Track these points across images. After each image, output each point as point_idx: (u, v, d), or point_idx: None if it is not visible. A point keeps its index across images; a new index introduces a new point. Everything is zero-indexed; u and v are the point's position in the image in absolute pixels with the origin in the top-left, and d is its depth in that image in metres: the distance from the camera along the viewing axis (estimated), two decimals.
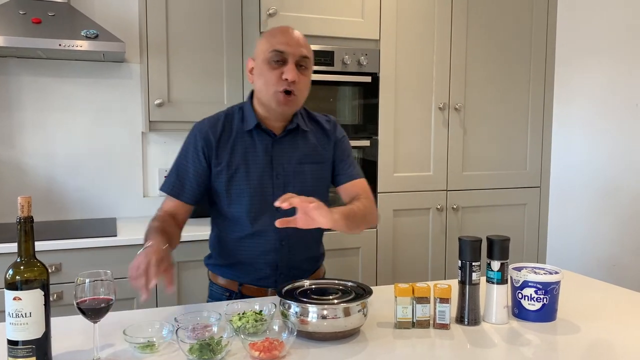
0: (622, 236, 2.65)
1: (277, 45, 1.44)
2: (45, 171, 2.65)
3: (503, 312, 1.36)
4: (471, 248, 1.34)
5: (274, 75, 1.44)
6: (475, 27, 2.80)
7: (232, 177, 1.51)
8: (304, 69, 1.48)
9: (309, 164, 1.56)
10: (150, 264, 1.20)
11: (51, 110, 2.65)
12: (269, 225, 1.47)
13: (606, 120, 2.72)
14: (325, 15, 2.50)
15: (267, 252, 1.55)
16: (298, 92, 1.46)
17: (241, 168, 1.51)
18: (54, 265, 2.15)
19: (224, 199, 1.53)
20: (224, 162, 1.51)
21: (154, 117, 2.52)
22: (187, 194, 1.53)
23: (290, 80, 1.43)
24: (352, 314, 1.23)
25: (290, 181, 1.53)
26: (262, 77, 1.47)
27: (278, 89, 1.44)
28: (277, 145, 1.53)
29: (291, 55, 1.44)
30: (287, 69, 1.43)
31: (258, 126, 1.52)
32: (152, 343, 1.17)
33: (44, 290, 1.06)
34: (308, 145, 1.57)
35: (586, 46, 2.81)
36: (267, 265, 1.56)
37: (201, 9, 2.57)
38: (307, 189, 1.50)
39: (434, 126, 2.75)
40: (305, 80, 1.49)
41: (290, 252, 1.56)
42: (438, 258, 2.81)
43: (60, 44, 2.24)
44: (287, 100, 1.45)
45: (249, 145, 1.52)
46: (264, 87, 1.47)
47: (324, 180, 1.60)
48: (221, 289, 1.62)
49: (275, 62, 1.45)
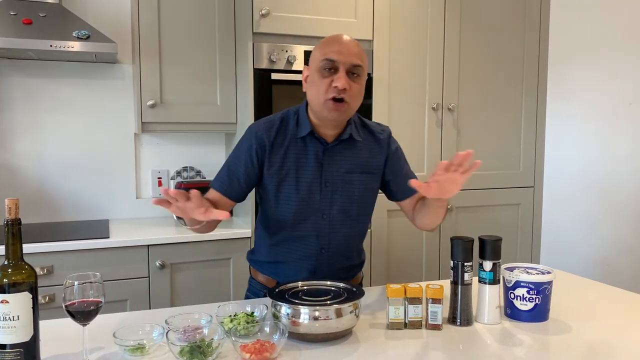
0: (616, 236, 2.66)
1: (329, 54, 1.45)
2: (36, 173, 2.64)
3: (495, 312, 1.36)
4: (463, 248, 1.34)
5: (324, 83, 1.45)
6: (468, 28, 2.80)
7: (282, 181, 1.53)
8: (356, 76, 1.47)
9: (357, 173, 1.57)
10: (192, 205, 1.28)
11: (42, 112, 2.63)
12: (312, 231, 1.54)
13: (599, 119, 2.72)
14: (318, 15, 2.50)
15: (307, 257, 1.57)
16: (349, 99, 1.46)
17: (291, 173, 1.53)
18: (45, 268, 2.13)
19: (272, 200, 1.55)
20: (276, 166, 1.53)
21: (147, 119, 2.51)
22: (235, 193, 1.55)
23: (340, 87, 1.43)
24: (344, 315, 1.23)
25: (338, 189, 1.55)
26: (314, 86, 1.48)
27: (328, 97, 1.44)
28: (328, 154, 1.54)
29: (342, 64, 1.44)
30: (338, 77, 1.44)
31: (311, 133, 1.53)
32: (142, 345, 1.16)
33: (32, 293, 1.05)
34: (359, 156, 1.58)
35: (579, 46, 2.82)
36: (306, 269, 1.58)
37: (194, 10, 2.56)
38: (354, 198, 1.54)
39: (428, 126, 2.75)
40: (357, 88, 1.48)
41: (330, 259, 1.58)
42: (432, 258, 2.81)
43: (52, 45, 2.23)
44: (337, 107, 1.45)
45: (301, 151, 1.54)
46: (315, 95, 1.48)
47: (371, 190, 1.62)
48: (260, 285, 1.66)
49: (326, 71, 1.45)
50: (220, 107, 2.63)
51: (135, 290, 2.29)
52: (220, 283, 2.44)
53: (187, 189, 2.74)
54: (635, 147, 2.56)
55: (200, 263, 2.40)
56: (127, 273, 2.28)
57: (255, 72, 2.42)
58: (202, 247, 2.39)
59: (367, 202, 1.61)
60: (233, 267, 2.45)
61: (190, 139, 2.89)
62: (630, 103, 2.57)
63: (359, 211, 1.59)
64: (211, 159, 2.94)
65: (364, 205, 1.56)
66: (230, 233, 2.42)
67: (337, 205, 1.54)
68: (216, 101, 2.63)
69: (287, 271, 1.59)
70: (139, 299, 2.29)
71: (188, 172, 2.90)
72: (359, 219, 1.60)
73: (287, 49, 2.45)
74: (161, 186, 2.84)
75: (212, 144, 2.93)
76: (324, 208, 1.54)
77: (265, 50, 2.42)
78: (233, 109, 2.65)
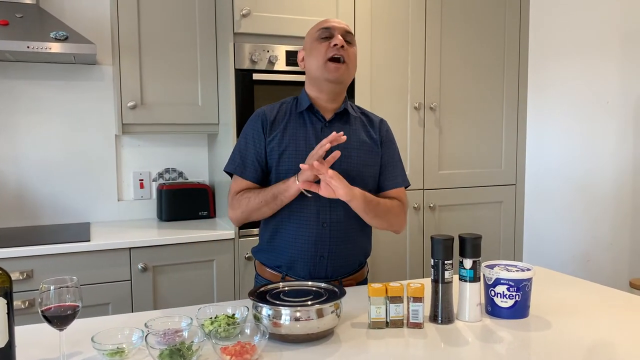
0: (595, 232, 2.69)
1: (323, 24, 1.60)
2: (15, 176, 2.60)
3: (476, 309, 1.36)
4: (443, 246, 1.34)
5: (323, 46, 1.56)
6: (449, 28, 2.82)
7: (282, 154, 1.59)
8: (349, 43, 1.58)
9: (356, 149, 1.62)
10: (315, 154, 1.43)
11: (21, 114, 2.59)
12: (312, 206, 1.57)
13: (579, 118, 2.75)
14: (299, 15, 2.50)
15: (310, 235, 1.58)
16: (347, 60, 1.56)
17: (291, 146, 1.59)
18: (25, 272, 2.10)
19: (273, 175, 1.61)
20: (276, 139, 1.60)
21: (127, 120, 2.48)
22: (249, 171, 1.61)
23: (339, 45, 1.54)
24: (325, 315, 1.22)
25: (337, 163, 1.57)
26: (312, 53, 1.59)
27: (328, 56, 1.55)
28: (327, 130, 1.61)
29: (337, 30, 1.58)
30: (334, 38, 1.56)
31: (310, 108, 1.61)
32: (121, 349, 1.14)
33: (7, 298, 1.03)
34: (356, 133, 1.64)
35: (558, 46, 2.85)
36: (309, 250, 1.59)
37: (174, 10, 2.54)
38: (352, 173, 1.58)
39: (410, 126, 2.76)
40: (353, 51, 1.60)
41: (332, 237, 1.59)
42: (416, 257, 2.82)
43: (29, 46, 2.20)
44: (337, 67, 1.55)
45: (300, 126, 1.62)
46: (315, 60, 1.58)
47: (369, 168, 1.65)
48: (266, 282, 1.64)
49: (324, 39, 1.57)
50: (201, 108, 2.62)
51: (117, 293, 2.27)
52: (204, 285, 2.42)
53: (170, 190, 2.73)
54: (613, 144, 2.59)
55: (183, 265, 2.38)
56: (109, 276, 2.25)
57: (236, 72, 2.41)
58: (185, 249, 2.37)
59: (365, 178, 1.63)
60: (216, 269, 2.43)
61: (172, 140, 2.87)
62: (608, 102, 2.60)
63: (358, 186, 1.57)
64: (193, 160, 2.92)
65: (362, 182, 1.57)
66: (213, 235, 2.41)
67: None
68: (197, 102, 2.61)
69: (290, 251, 1.60)
70: (121, 303, 2.27)
71: (170, 174, 2.88)
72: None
73: (268, 49, 2.45)
74: (142, 188, 2.82)
75: (194, 145, 2.92)
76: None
77: (246, 51, 2.41)
78: (215, 109, 2.64)
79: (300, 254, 1.60)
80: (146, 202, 2.83)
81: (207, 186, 2.77)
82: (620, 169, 2.57)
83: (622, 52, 2.54)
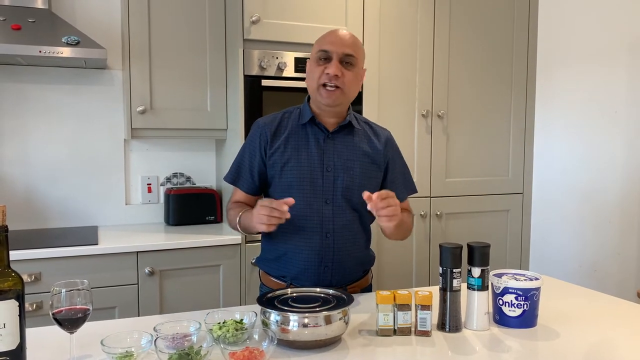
0: (603, 241, 2.68)
1: (323, 45, 1.57)
2: (25, 179, 2.62)
3: (484, 318, 1.36)
4: (452, 255, 1.34)
5: (318, 70, 1.57)
6: (458, 35, 2.82)
7: (285, 166, 1.60)
8: (349, 65, 1.57)
9: (358, 161, 1.63)
10: (270, 204, 1.41)
11: (31, 117, 2.62)
12: (316, 217, 1.58)
13: (586, 127, 2.75)
14: (308, 22, 2.51)
15: (312, 246, 1.59)
16: (342, 86, 1.56)
17: (293, 159, 1.60)
18: (33, 275, 2.11)
19: (276, 187, 1.62)
20: (279, 152, 1.61)
21: (137, 124, 2.50)
22: (242, 182, 1.67)
23: (331, 74, 1.53)
24: (333, 322, 1.22)
25: (340, 175, 1.60)
26: (310, 74, 1.61)
27: (320, 83, 1.56)
28: (330, 141, 1.62)
29: (335, 54, 1.55)
30: (330, 64, 1.55)
31: (312, 120, 1.62)
32: (130, 353, 1.15)
33: (19, 300, 1.04)
34: (359, 144, 1.65)
35: (566, 55, 2.85)
36: (313, 260, 1.59)
37: (184, 16, 2.56)
38: (355, 184, 1.60)
39: (417, 133, 2.76)
40: (351, 75, 1.57)
41: (335, 246, 1.60)
42: (422, 265, 2.82)
43: (41, 51, 2.22)
44: (329, 93, 1.55)
45: (302, 138, 1.62)
46: (310, 82, 1.60)
47: (372, 180, 1.66)
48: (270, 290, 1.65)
49: (321, 60, 1.57)
50: (210, 114, 2.63)
51: (124, 297, 2.27)
52: (210, 290, 2.43)
53: (177, 195, 2.74)
54: (621, 154, 2.59)
55: (190, 270, 2.39)
56: (116, 280, 2.26)
57: (245, 78, 2.42)
58: (192, 254, 2.38)
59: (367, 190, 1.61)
60: (223, 274, 2.44)
61: (180, 145, 2.88)
62: (616, 111, 2.60)
63: (360, 198, 1.58)
64: (201, 165, 2.93)
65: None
66: (220, 240, 2.41)
67: (340, 190, 1.59)
68: (206, 107, 2.63)
69: (294, 262, 1.60)
70: (127, 306, 2.28)
71: (178, 179, 2.90)
72: (361, 206, 1.60)
73: (277, 56, 2.46)
74: (150, 192, 2.83)
75: (202, 150, 2.93)
76: (327, 193, 1.58)
77: (255, 57, 2.43)
78: (223, 115, 2.65)
79: (304, 264, 1.60)
80: (154, 207, 2.84)
81: (214, 191, 2.78)
82: (628, 178, 2.56)
83: (630, 62, 2.53)
